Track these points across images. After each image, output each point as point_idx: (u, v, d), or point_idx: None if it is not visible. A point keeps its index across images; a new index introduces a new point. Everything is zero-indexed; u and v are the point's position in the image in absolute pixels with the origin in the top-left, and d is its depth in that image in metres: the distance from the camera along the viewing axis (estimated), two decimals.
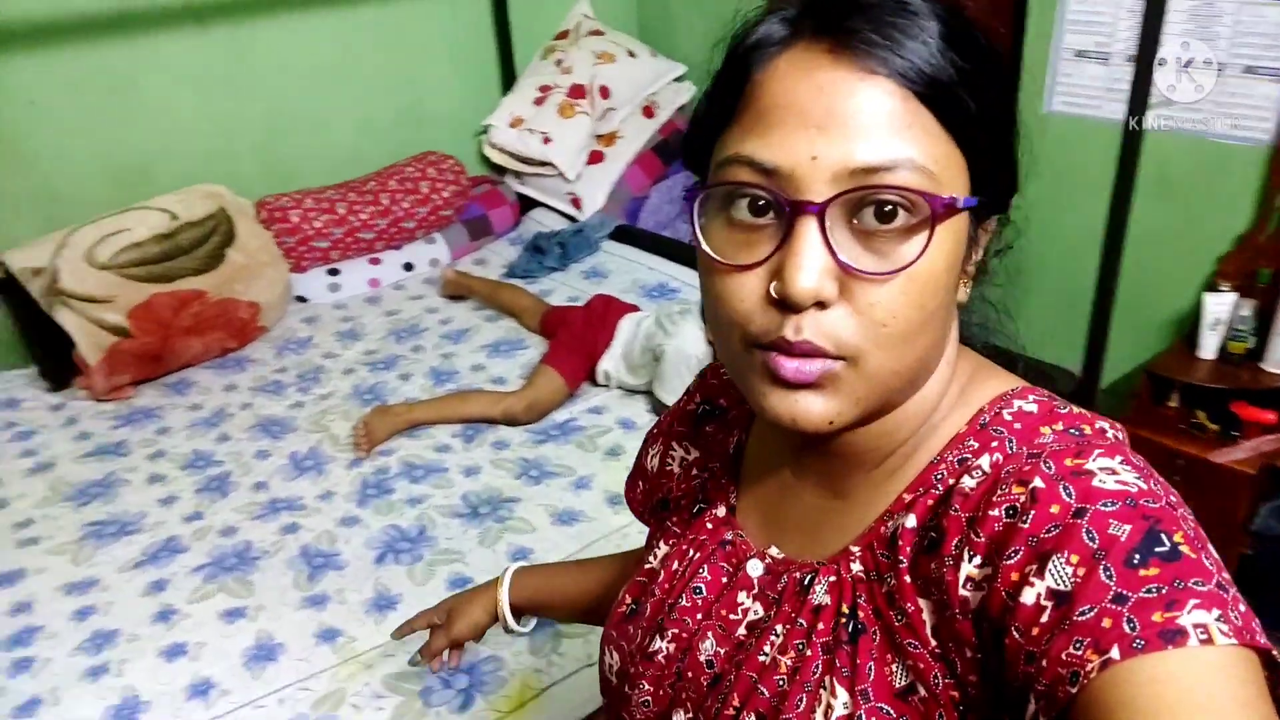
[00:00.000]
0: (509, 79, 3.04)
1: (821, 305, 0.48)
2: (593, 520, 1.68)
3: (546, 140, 2.90)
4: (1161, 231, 2.08)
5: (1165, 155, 2.02)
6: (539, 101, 2.96)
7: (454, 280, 2.59)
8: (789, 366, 0.49)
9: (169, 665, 1.41)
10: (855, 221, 0.48)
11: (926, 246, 0.47)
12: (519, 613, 0.96)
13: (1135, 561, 0.43)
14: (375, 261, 2.75)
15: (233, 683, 1.38)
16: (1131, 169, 1.66)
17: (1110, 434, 0.54)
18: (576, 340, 2.14)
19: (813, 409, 0.50)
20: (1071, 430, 0.52)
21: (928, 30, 0.48)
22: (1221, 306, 2.00)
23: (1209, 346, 2.05)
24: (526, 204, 3.05)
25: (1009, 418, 0.54)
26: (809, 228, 0.47)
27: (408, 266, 2.78)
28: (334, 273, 2.68)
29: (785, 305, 0.48)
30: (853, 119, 0.47)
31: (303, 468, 1.91)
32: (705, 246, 0.51)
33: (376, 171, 2.79)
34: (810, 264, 0.47)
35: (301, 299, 2.62)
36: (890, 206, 0.47)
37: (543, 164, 2.94)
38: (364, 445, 1.93)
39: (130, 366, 2.20)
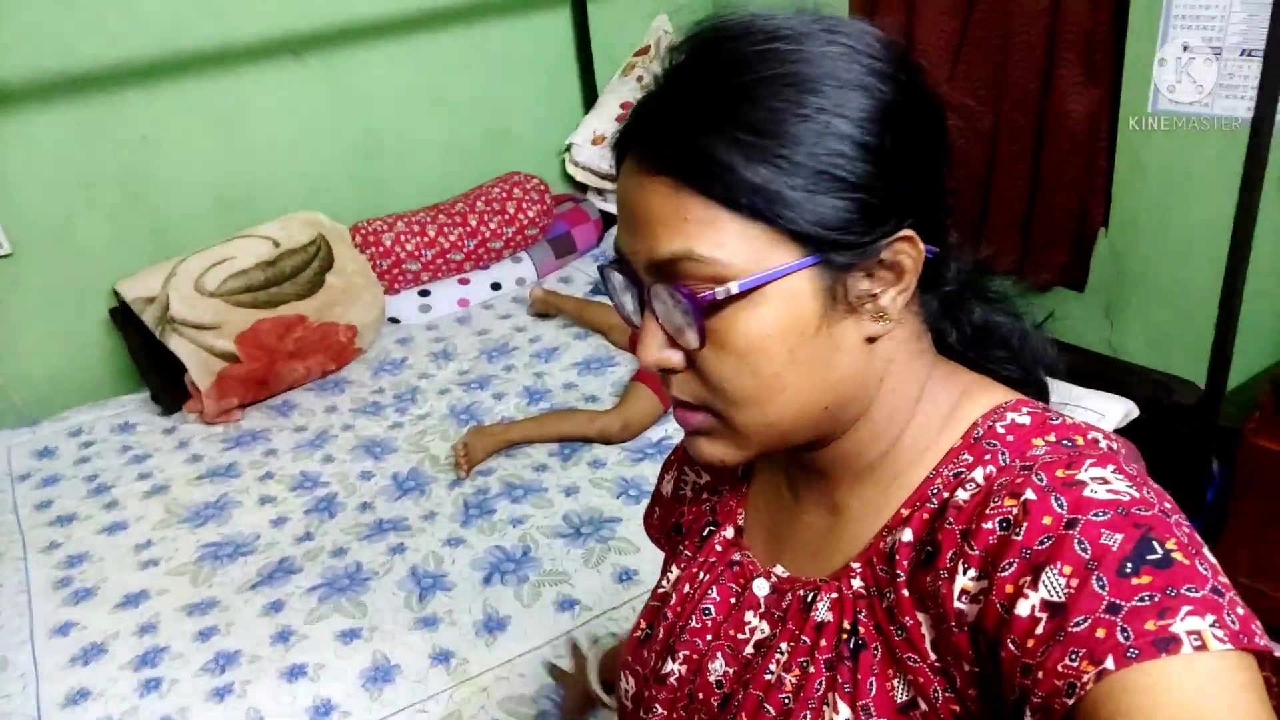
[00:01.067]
0: (591, 97, 3.07)
1: (675, 370, 0.54)
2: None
3: None
4: None
5: None
6: (621, 118, 2.97)
7: (542, 298, 2.62)
8: (678, 415, 0.57)
9: (290, 686, 1.45)
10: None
11: (702, 336, 0.51)
12: (611, 689, 1.00)
13: (1128, 570, 0.44)
14: (464, 282, 2.79)
15: (352, 704, 1.40)
16: (1260, 168, 1.58)
17: (1103, 444, 0.54)
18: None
19: (703, 451, 0.57)
20: (1064, 441, 0.53)
21: (701, 113, 0.49)
22: None
23: None
24: (609, 220, 3.06)
25: (1002, 430, 0.55)
26: (649, 308, 0.54)
27: (495, 286, 2.82)
28: (425, 294, 2.73)
29: None
30: (645, 218, 0.51)
31: (405, 488, 1.94)
32: (623, 308, 0.58)
33: (464, 193, 2.84)
34: (649, 341, 0.54)
35: (394, 320, 2.68)
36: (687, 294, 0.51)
37: None
38: (464, 466, 1.95)
39: (238, 390, 2.28)
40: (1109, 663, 0.41)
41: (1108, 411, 1.76)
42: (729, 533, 0.68)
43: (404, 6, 2.64)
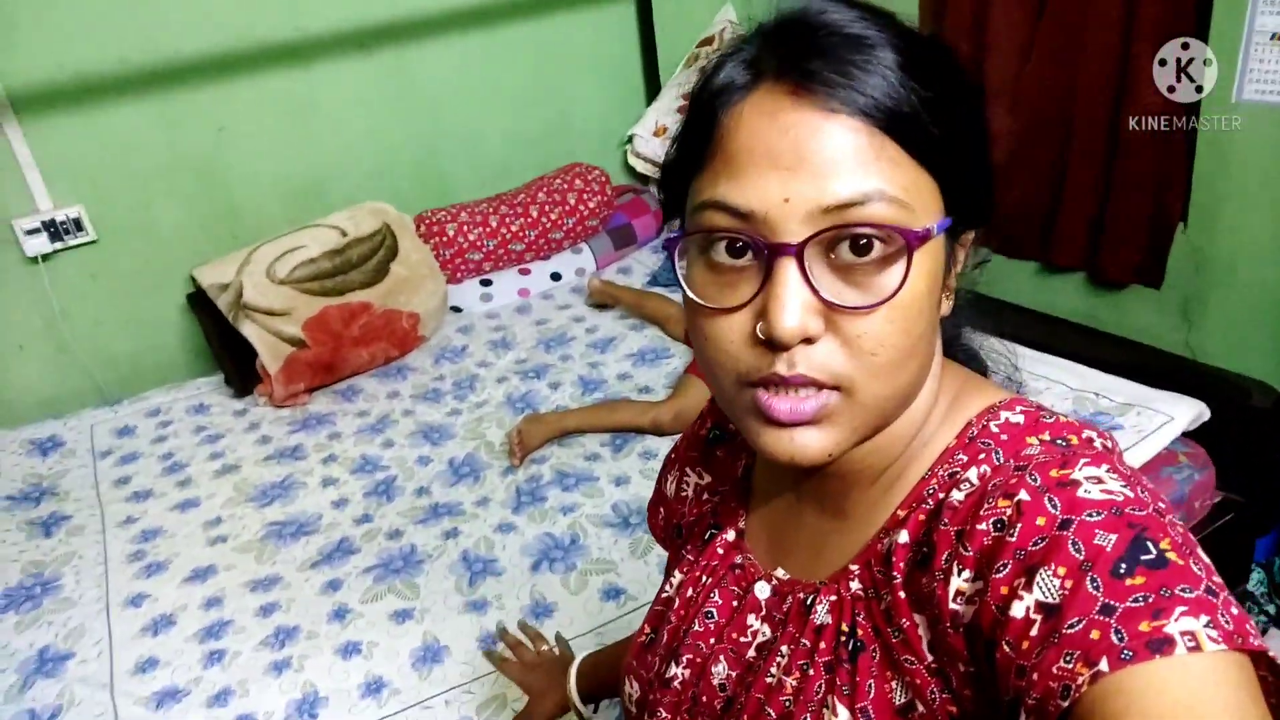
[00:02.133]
0: (654, 88, 3.07)
1: (809, 340, 0.49)
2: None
3: None
4: None
5: None
6: (683, 110, 2.96)
7: (600, 289, 2.63)
8: (781, 408, 0.50)
9: (344, 663, 1.50)
10: (833, 256, 0.49)
11: (905, 277, 0.49)
12: (589, 699, 1.03)
13: (1122, 571, 0.43)
14: (525, 272, 2.82)
15: (402, 682, 1.45)
16: None
17: (1098, 443, 0.53)
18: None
19: (810, 445, 0.51)
20: (1058, 440, 0.53)
21: (885, 62, 0.49)
22: None
23: None
24: None
25: (996, 429, 0.55)
26: (788, 268, 0.48)
27: (555, 276, 2.85)
28: (486, 283, 2.78)
29: (773, 344, 0.49)
30: (820, 158, 0.48)
31: (460, 474, 1.99)
32: (689, 291, 0.53)
33: (525, 184, 2.87)
34: (792, 304, 0.48)
35: (456, 309, 2.73)
36: (865, 240, 0.48)
37: None
38: (518, 453, 1.98)
39: (305, 375, 2.35)
40: (1103, 664, 0.41)
41: (1177, 414, 1.70)
42: (730, 535, 0.68)
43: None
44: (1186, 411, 1.70)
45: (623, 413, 2.06)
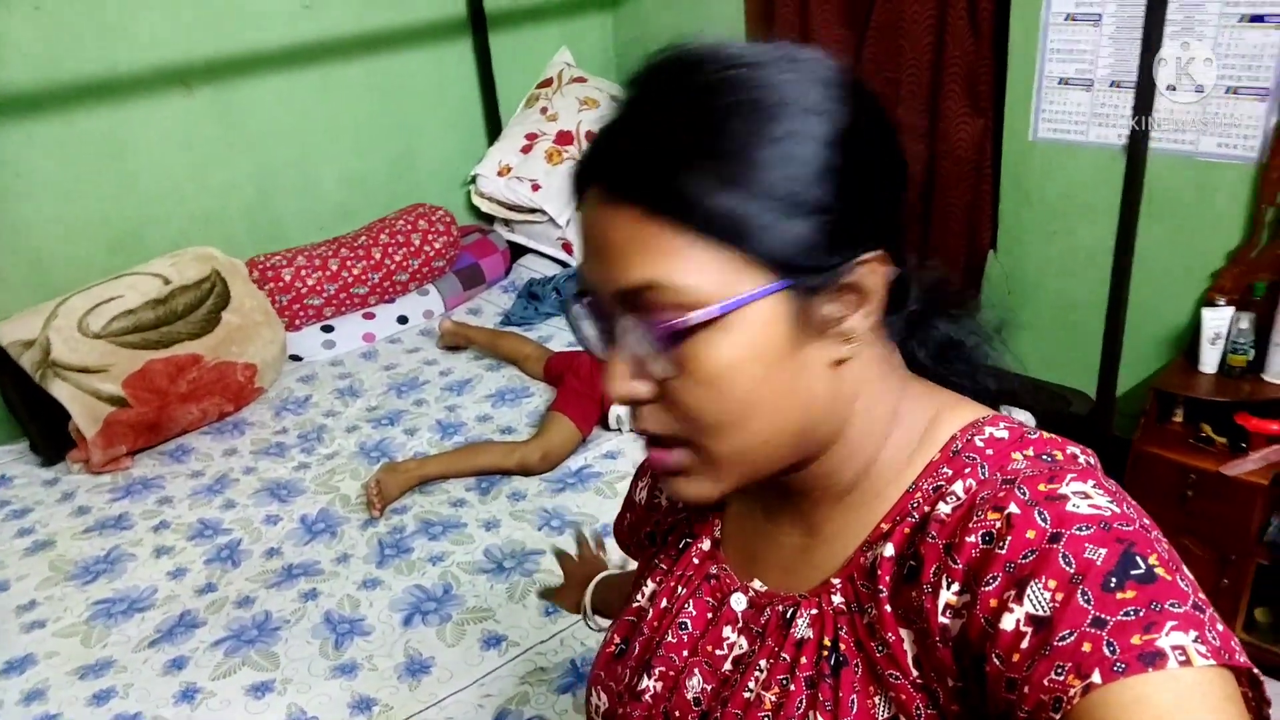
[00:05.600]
0: (495, 129, 3.06)
1: (647, 401, 0.53)
2: (626, 566, 1.65)
3: (535, 187, 2.91)
4: (1157, 249, 2.12)
5: (1157, 175, 2.07)
6: (526, 149, 2.97)
7: (452, 331, 2.57)
8: (653, 457, 0.55)
9: None
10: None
11: (673, 364, 0.51)
12: (601, 613, 1.04)
13: (1112, 585, 0.44)
14: (369, 316, 2.72)
15: None
16: (1136, 190, 1.69)
17: (1081, 459, 0.54)
18: (585, 385, 2.12)
19: (683, 491, 0.55)
20: (1043, 456, 0.53)
21: (667, 141, 0.49)
22: (1219, 321, 2.04)
23: (1210, 361, 2.07)
24: (517, 251, 3.04)
25: (980, 444, 0.55)
26: (617, 340, 0.52)
27: (402, 319, 2.76)
28: (328, 329, 2.65)
29: None
30: (610, 247, 0.51)
31: (315, 531, 1.87)
32: (586, 342, 0.57)
33: (366, 225, 2.77)
34: (616, 373, 0.53)
35: (296, 358, 2.58)
36: (656, 323, 0.50)
37: (532, 211, 2.94)
38: (377, 504, 1.88)
39: (127, 436, 2.15)
40: (1095, 676, 0.41)
41: None
42: (706, 545, 0.67)
43: (300, 35, 2.58)
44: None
45: (487, 455, 2.01)
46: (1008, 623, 0.45)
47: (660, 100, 0.51)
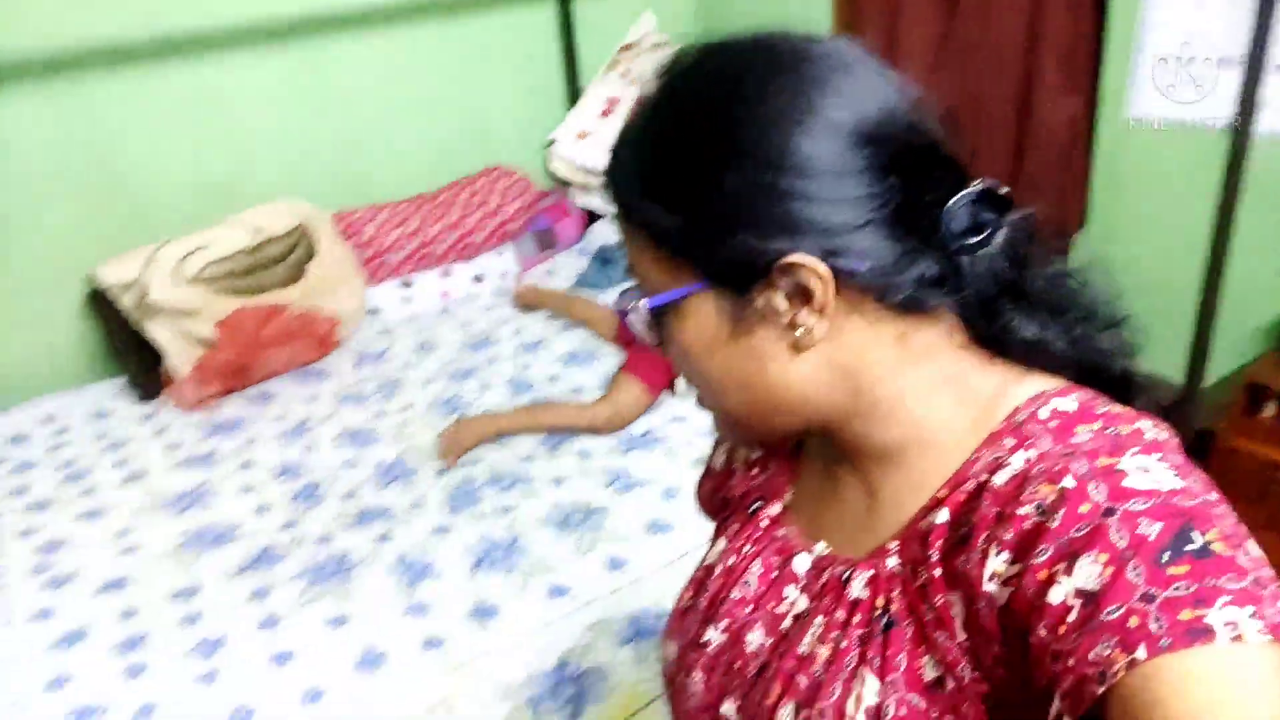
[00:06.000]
0: (574, 93, 3.07)
1: None
2: (686, 529, 1.68)
3: None
4: (1256, 237, 2.03)
5: (1261, 158, 1.98)
6: (605, 113, 2.98)
7: (527, 292, 2.61)
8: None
9: (279, 671, 1.43)
10: None
11: (653, 337, 0.61)
12: None
13: (1165, 560, 0.43)
14: (446, 274, 2.78)
15: (342, 690, 1.39)
16: (1238, 173, 1.62)
17: (1150, 434, 0.53)
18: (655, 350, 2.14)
19: (734, 442, 0.72)
20: (1109, 430, 0.52)
21: (623, 157, 0.59)
22: None
23: None
24: (592, 216, 3.06)
25: (1045, 416, 0.55)
26: None
27: (478, 279, 2.81)
28: (407, 285, 2.71)
29: None
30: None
31: (390, 477, 1.93)
32: None
33: (447, 185, 2.82)
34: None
35: (375, 311, 2.66)
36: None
37: None
38: (450, 456, 1.94)
39: (217, 378, 2.24)
40: (1141, 651, 0.41)
41: None
42: (775, 509, 0.69)
43: None
44: None
45: (557, 414, 2.04)
46: (1055, 595, 0.46)
47: (638, 121, 0.59)
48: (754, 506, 0.71)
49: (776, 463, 0.72)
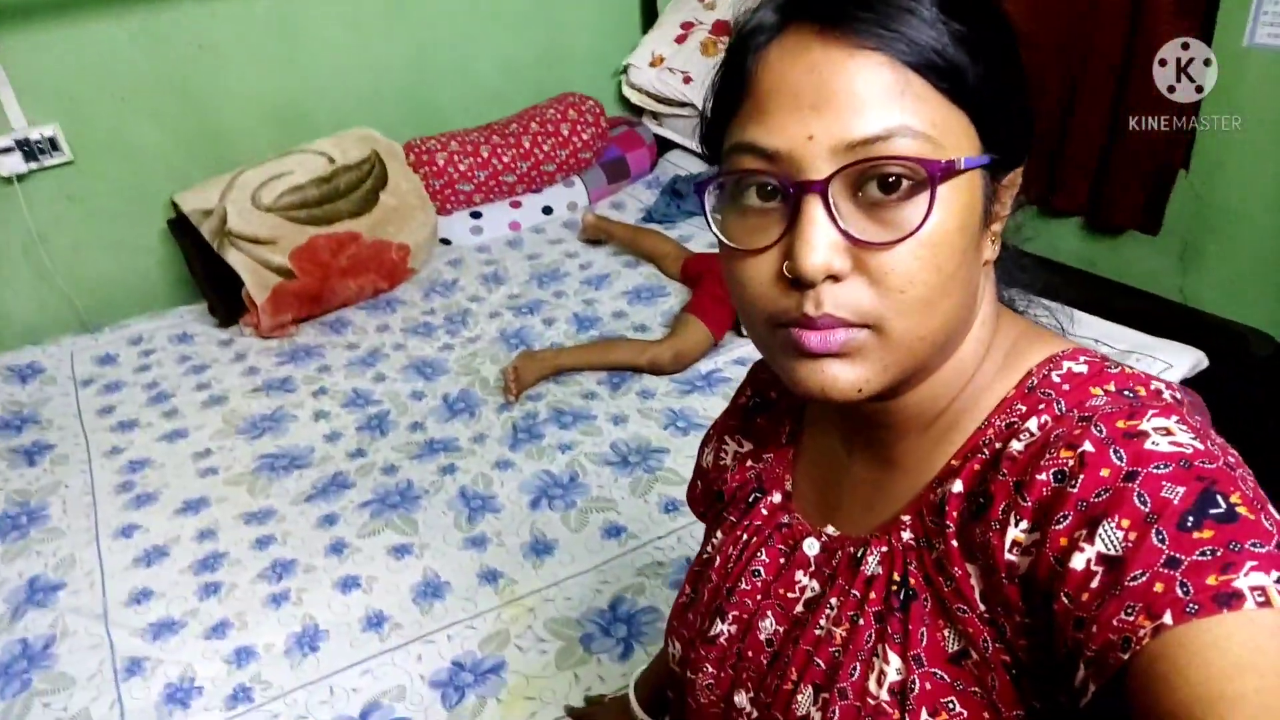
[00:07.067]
0: (650, 16, 2.97)
1: (836, 279, 0.49)
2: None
3: (687, 80, 2.83)
4: None
5: None
6: (680, 39, 2.88)
7: (594, 224, 2.58)
8: (813, 338, 0.50)
9: (344, 596, 1.49)
10: (860, 194, 0.49)
11: (929, 211, 0.48)
12: (660, 711, 0.99)
13: (1189, 524, 0.42)
14: (516, 205, 2.76)
15: (404, 617, 1.44)
16: None
17: (1166, 395, 0.51)
18: (721, 289, 2.09)
19: (840, 377, 0.51)
20: (1125, 392, 0.51)
21: (922, 1, 0.49)
22: None
23: None
24: (664, 146, 2.99)
25: (1058, 379, 0.53)
26: (814, 206, 0.49)
27: (547, 210, 2.79)
28: (476, 215, 2.71)
29: (800, 284, 0.49)
30: (845, 95, 0.48)
31: (455, 410, 1.96)
32: (721, 235, 0.54)
33: (517, 113, 2.79)
34: (817, 241, 0.48)
35: (445, 241, 2.67)
36: (892, 176, 0.48)
37: (682, 105, 2.87)
38: (513, 390, 1.96)
39: (293, 305, 2.30)
40: (1167, 617, 0.40)
41: (1176, 361, 1.70)
42: (776, 498, 0.67)
43: None
44: (1186, 359, 1.71)
45: (620, 351, 2.04)
46: (1078, 562, 0.45)
47: None
48: (752, 497, 0.69)
49: (772, 455, 0.70)
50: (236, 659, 1.39)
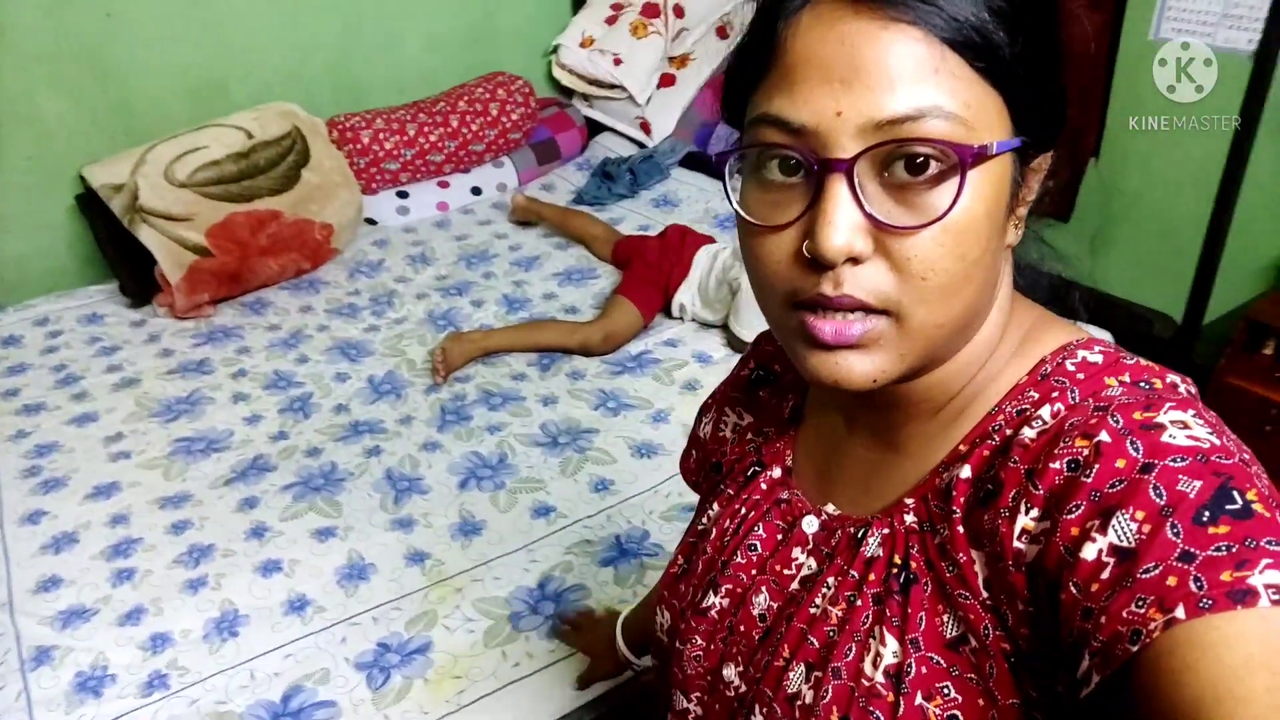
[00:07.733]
0: None
1: (856, 260, 0.47)
2: (672, 453, 1.68)
3: (617, 61, 2.82)
4: (1271, 170, 1.97)
5: None
6: (611, 20, 2.88)
7: (524, 206, 2.56)
8: (827, 329, 0.49)
9: (265, 580, 1.46)
10: (886, 175, 0.47)
11: (958, 196, 0.46)
12: (641, 650, 1.05)
13: (1205, 519, 0.42)
14: (444, 185, 2.72)
15: (327, 600, 1.42)
16: (1258, 103, 1.56)
17: (1182, 388, 0.52)
18: (651, 271, 2.11)
19: (855, 369, 0.49)
20: (1140, 383, 0.51)
21: None
22: None
23: None
24: (594, 128, 2.98)
25: (1072, 368, 0.53)
26: (838, 185, 0.47)
27: (476, 190, 2.76)
28: (403, 195, 2.67)
29: (819, 263, 0.48)
30: (876, 70, 0.45)
31: (381, 391, 1.93)
32: (740, 209, 0.51)
33: (446, 92, 2.74)
34: (840, 221, 0.46)
35: (371, 221, 2.62)
36: (921, 158, 0.46)
37: (612, 86, 2.87)
38: (441, 371, 1.93)
39: (210, 285, 2.23)
40: (1179, 611, 0.39)
41: None
42: (776, 472, 0.66)
43: None
44: None
45: (550, 333, 2.03)
46: (1089, 552, 0.44)
47: None
48: (751, 471, 0.68)
49: (773, 430, 0.69)
50: (152, 645, 1.35)
